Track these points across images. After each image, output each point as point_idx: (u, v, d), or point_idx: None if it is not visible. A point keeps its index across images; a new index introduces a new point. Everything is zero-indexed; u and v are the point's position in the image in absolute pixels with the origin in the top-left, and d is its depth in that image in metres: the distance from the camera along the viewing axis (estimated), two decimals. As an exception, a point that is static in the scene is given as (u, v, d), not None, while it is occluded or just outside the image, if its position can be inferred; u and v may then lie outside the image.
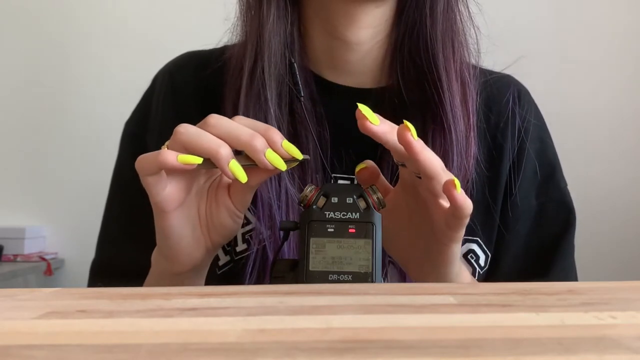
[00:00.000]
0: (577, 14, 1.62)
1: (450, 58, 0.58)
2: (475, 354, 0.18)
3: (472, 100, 0.59)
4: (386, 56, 0.61)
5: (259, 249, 0.56)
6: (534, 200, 0.63)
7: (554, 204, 0.64)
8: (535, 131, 0.64)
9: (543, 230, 0.63)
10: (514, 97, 0.64)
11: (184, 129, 0.42)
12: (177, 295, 0.29)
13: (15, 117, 1.77)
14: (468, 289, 0.30)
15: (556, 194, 0.64)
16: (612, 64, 1.60)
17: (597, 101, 1.57)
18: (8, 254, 1.62)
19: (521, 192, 0.62)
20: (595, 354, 0.18)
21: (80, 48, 1.76)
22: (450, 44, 0.58)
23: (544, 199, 0.63)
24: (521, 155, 0.63)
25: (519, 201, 0.62)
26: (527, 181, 0.63)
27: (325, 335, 0.20)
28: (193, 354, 0.18)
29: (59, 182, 1.72)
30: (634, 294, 0.29)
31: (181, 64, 0.66)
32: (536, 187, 0.63)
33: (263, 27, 0.58)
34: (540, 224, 0.63)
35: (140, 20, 1.74)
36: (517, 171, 0.62)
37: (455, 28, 0.59)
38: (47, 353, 0.19)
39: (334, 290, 0.31)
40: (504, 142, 0.62)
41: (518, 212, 0.62)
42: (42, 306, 0.27)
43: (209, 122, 0.42)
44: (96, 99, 1.73)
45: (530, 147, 0.63)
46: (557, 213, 0.64)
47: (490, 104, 0.63)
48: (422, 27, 0.58)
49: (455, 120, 0.57)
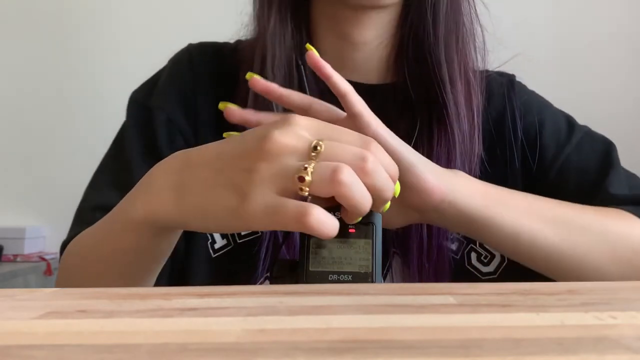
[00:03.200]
0: (578, 14, 1.62)
1: (454, 58, 0.58)
2: (475, 354, 0.18)
3: (477, 100, 0.60)
4: (391, 55, 0.62)
5: (269, 233, 0.57)
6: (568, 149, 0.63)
7: (587, 138, 0.64)
8: (536, 104, 0.66)
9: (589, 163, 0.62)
10: (507, 87, 0.66)
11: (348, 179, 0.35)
12: (177, 295, 0.29)
13: (16, 118, 1.77)
14: (468, 289, 0.30)
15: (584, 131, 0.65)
16: (613, 64, 1.60)
17: (597, 100, 1.57)
18: (8, 254, 1.62)
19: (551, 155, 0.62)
20: (595, 354, 0.17)
21: (80, 49, 1.76)
22: (454, 44, 0.59)
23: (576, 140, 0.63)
24: (532, 129, 0.63)
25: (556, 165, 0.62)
26: (552, 142, 0.63)
27: (325, 335, 0.20)
28: (193, 354, 0.18)
29: (59, 182, 1.72)
30: (634, 294, 0.29)
31: (199, 46, 0.68)
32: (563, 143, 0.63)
33: (265, 31, 0.60)
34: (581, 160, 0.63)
35: (140, 21, 1.74)
36: (535, 144, 0.63)
37: (459, 29, 0.60)
38: (47, 353, 0.19)
39: (334, 290, 0.31)
40: (506, 131, 0.63)
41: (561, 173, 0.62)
42: (42, 306, 0.27)
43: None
44: (96, 100, 1.73)
45: (537, 118, 0.64)
46: (592, 142, 0.64)
47: (488, 98, 0.64)
48: (426, 27, 0.59)
49: (459, 120, 0.57)
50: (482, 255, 0.61)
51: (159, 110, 0.62)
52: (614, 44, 1.62)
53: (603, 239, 0.52)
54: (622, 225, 0.54)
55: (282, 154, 0.36)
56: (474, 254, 0.61)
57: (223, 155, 0.39)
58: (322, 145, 0.36)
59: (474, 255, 0.61)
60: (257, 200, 0.35)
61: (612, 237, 0.52)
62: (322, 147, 0.36)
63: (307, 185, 0.35)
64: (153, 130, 0.61)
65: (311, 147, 0.36)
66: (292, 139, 0.36)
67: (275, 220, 0.35)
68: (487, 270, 0.61)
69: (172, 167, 0.41)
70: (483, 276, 0.61)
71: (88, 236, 0.51)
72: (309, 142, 0.36)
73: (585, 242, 0.51)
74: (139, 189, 0.43)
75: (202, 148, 0.41)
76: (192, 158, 0.41)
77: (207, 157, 0.40)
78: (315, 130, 0.38)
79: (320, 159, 0.36)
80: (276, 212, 0.35)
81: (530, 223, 0.50)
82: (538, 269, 0.53)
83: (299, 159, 0.36)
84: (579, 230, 0.52)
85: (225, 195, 0.37)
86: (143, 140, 0.61)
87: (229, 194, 0.37)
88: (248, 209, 0.36)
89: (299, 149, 0.36)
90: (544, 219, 0.51)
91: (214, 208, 0.38)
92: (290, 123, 0.37)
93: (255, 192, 0.36)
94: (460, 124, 0.57)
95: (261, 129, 0.38)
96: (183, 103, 0.63)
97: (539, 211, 0.51)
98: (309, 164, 0.35)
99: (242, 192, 0.36)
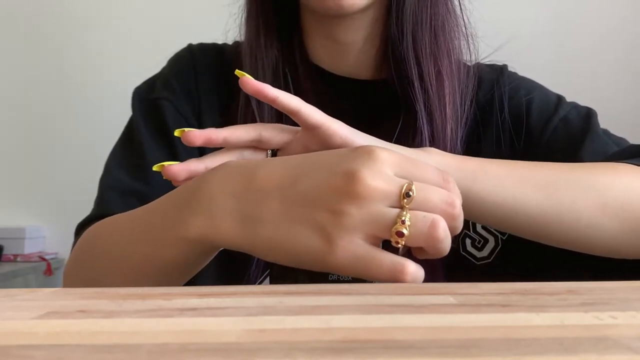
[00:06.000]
0: (575, 14, 1.62)
1: (427, 53, 0.58)
2: (475, 354, 0.18)
3: (461, 92, 0.60)
4: (378, 53, 0.63)
5: None
6: (555, 121, 0.62)
7: (573, 111, 0.63)
8: (525, 86, 0.66)
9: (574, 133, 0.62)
10: (497, 74, 0.66)
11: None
12: (177, 295, 0.29)
13: (16, 118, 1.77)
14: (468, 289, 0.30)
15: (571, 105, 0.64)
16: (609, 61, 1.60)
17: (597, 101, 1.57)
18: (8, 254, 1.62)
19: (539, 129, 0.62)
20: (595, 354, 0.17)
21: (81, 49, 1.76)
22: (427, 38, 0.59)
23: (563, 112, 0.63)
24: (520, 108, 0.63)
25: (544, 137, 0.62)
26: (540, 116, 0.63)
27: (325, 335, 0.20)
28: (193, 354, 0.18)
29: (59, 182, 1.72)
30: (634, 294, 0.29)
31: (200, 46, 0.69)
32: (550, 116, 0.63)
33: (250, 42, 0.62)
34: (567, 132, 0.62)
35: (140, 21, 1.74)
36: (522, 122, 0.62)
37: (433, 22, 0.59)
38: (47, 353, 0.19)
39: (334, 290, 0.31)
40: (493, 116, 0.63)
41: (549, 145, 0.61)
42: (42, 306, 0.27)
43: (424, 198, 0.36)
44: (96, 100, 1.73)
45: (525, 98, 0.63)
46: (577, 113, 0.63)
47: (478, 87, 0.64)
48: (407, 25, 0.59)
49: (432, 117, 0.58)
50: (476, 240, 0.61)
51: (165, 100, 0.63)
52: (614, 44, 1.62)
53: (591, 189, 0.49)
54: (611, 175, 0.50)
55: (374, 199, 0.34)
56: (468, 240, 0.61)
57: (300, 186, 0.36)
58: (414, 191, 0.35)
59: (468, 241, 0.61)
60: (347, 248, 0.34)
61: (601, 187, 0.49)
62: (414, 192, 0.35)
63: (405, 239, 0.34)
64: (162, 117, 0.62)
65: (403, 193, 0.35)
66: (383, 182, 0.35)
67: (368, 271, 0.35)
68: (481, 255, 0.61)
69: (233, 187, 0.38)
70: (478, 261, 0.61)
71: (119, 230, 0.48)
72: (399, 187, 0.35)
73: (573, 196, 0.48)
74: (192, 205, 0.39)
75: (267, 169, 0.38)
76: (256, 181, 0.38)
77: (278, 185, 0.37)
78: (398, 166, 0.36)
79: (413, 207, 0.35)
80: (369, 264, 0.34)
81: (513, 189, 0.48)
82: (531, 235, 0.51)
83: (389, 204, 0.35)
84: (564, 185, 0.48)
85: (308, 236, 0.35)
86: (152, 126, 0.62)
87: (313, 235, 0.35)
88: (336, 256, 0.34)
89: (391, 193, 0.35)
90: (527, 182, 0.48)
91: (295, 247, 0.36)
92: (374, 159, 0.35)
93: (344, 239, 0.34)
94: (435, 120, 0.58)
95: (344, 162, 0.36)
96: (188, 96, 0.63)
97: (520, 175, 0.49)
98: (405, 215, 0.34)
99: (328, 235, 0.34)
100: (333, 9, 0.56)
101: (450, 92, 0.59)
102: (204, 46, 0.68)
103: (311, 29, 0.64)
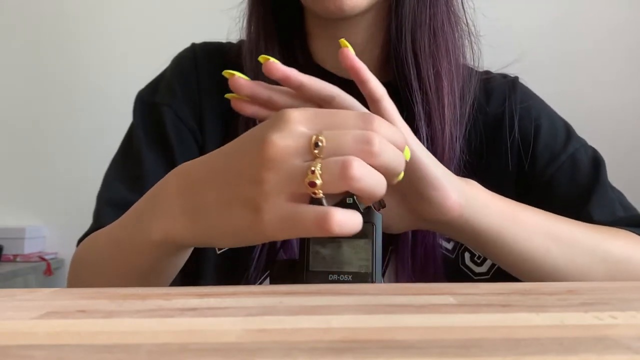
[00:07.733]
0: (575, 15, 1.63)
1: (426, 53, 0.58)
2: (475, 354, 0.18)
3: (460, 93, 0.60)
4: (381, 55, 0.62)
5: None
6: (562, 158, 0.62)
7: (582, 150, 0.63)
8: (535, 109, 0.65)
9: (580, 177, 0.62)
10: (509, 87, 0.65)
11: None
12: (177, 295, 0.29)
13: (16, 117, 1.77)
14: (468, 289, 0.30)
15: (581, 143, 0.64)
16: (611, 63, 1.60)
17: (596, 101, 1.57)
18: (8, 254, 1.62)
19: (544, 162, 0.62)
20: (595, 354, 0.17)
21: (82, 49, 1.76)
22: (434, 41, 0.59)
23: (572, 149, 0.63)
24: (528, 134, 0.63)
25: (548, 172, 0.62)
26: (547, 149, 0.62)
27: (325, 335, 0.20)
28: (193, 354, 0.18)
29: (59, 182, 1.72)
30: (634, 294, 0.29)
31: (203, 45, 0.68)
32: (558, 151, 0.63)
33: (251, 44, 0.61)
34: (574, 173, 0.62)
35: (142, 21, 1.74)
36: (528, 149, 0.62)
37: (432, 23, 0.59)
38: (47, 353, 0.19)
39: (334, 290, 0.31)
40: (503, 132, 0.63)
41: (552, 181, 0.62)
42: (42, 306, 0.27)
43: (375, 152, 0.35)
44: (98, 100, 1.73)
45: (534, 124, 0.63)
46: (586, 155, 0.63)
47: (487, 97, 0.64)
48: (406, 25, 0.59)
49: (431, 119, 0.58)
50: (476, 255, 0.61)
51: (166, 106, 0.63)
52: (613, 44, 1.62)
53: (604, 261, 0.52)
54: (623, 247, 0.54)
55: (286, 158, 0.35)
56: (467, 254, 0.61)
57: (224, 168, 0.37)
58: (322, 140, 0.35)
59: (467, 255, 0.61)
60: (272, 212, 0.35)
61: (612, 260, 0.52)
62: (324, 141, 0.35)
63: (319, 188, 0.34)
64: (161, 124, 0.62)
65: (312, 144, 0.35)
66: (292, 140, 0.35)
67: (296, 229, 0.35)
68: (479, 271, 0.61)
69: (178, 185, 0.40)
70: (475, 276, 0.61)
71: (102, 241, 0.51)
72: (309, 139, 0.35)
73: (586, 264, 0.51)
74: (153, 209, 0.42)
75: (199, 162, 0.40)
76: (192, 174, 0.39)
77: (208, 174, 0.38)
78: (311, 121, 0.36)
79: (325, 155, 0.35)
80: (295, 222, 0.34)
81: (540, 243, 0.50)
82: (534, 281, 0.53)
83: (303, 159, 0.35)
84: (582, 251, 0.51)
85: (239, 213, 0.36)
86: (151, 133, 0.62)
87: (243, 210, 0.36)
88: (265, 222, 0.35)
89: (301, 148, 0.35)
90: (552, 237, 0.50)
91: (231, 227, 0.37)
92: (285, 120, 0.36)
93: (268, 204, 0.35)
94: (433, 121, 0.57)
95: (257, 132, 0.37)
96: (189, 99, 0.63)
97: (547, 229, 0.51)
98: (315, 165, 0.34)
99: (255, 205, 0.35)
100: (334, 12, 0.56)
101: (450, 93, 0.59)
102: (207, 46, 0.68)
103: (314, 31, 0.64)
